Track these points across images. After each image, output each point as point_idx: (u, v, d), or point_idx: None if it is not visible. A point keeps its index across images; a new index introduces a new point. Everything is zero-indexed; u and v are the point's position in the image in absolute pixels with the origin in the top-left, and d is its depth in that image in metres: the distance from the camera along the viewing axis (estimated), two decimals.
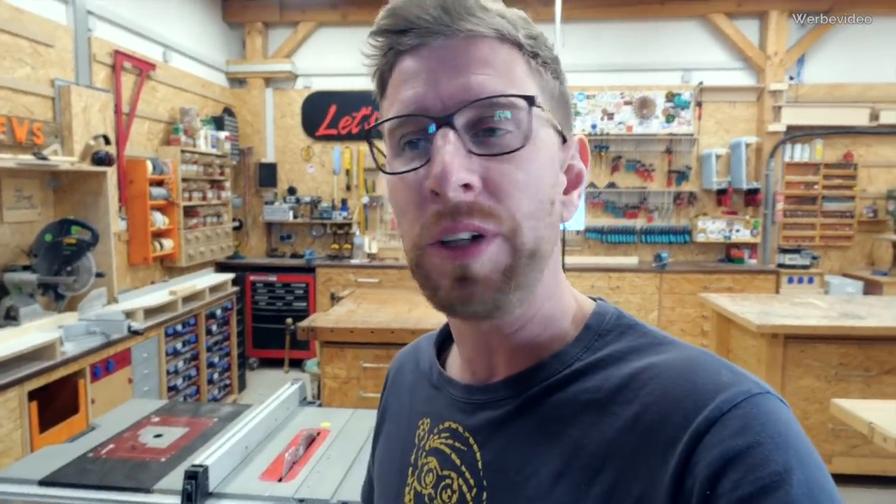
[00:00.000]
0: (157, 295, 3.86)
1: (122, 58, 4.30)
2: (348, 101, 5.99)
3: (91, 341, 2.97)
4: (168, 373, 3.73)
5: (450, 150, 0.44)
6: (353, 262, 5.71)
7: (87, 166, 3.58)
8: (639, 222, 5.92)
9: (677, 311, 5.37)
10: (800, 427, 0.42)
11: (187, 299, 4.00)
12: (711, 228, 5.71)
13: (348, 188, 6.07)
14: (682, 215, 5.90)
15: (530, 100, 0.46)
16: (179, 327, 3.84)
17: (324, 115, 6.02)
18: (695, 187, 5.84)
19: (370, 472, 0.74)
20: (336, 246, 5.97)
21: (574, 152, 0.54)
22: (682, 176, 5.83)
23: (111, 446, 1.72)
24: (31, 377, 2.58)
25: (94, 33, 4.08)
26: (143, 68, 4.53)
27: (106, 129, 3.94)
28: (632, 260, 5.78)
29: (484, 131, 0.46)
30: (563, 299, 0.54)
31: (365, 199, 5.96)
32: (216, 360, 4.40)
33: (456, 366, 0.60)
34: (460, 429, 0.54)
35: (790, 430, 0.40)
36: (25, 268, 3.17)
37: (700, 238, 5.72)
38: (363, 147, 6.00)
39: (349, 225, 5.97)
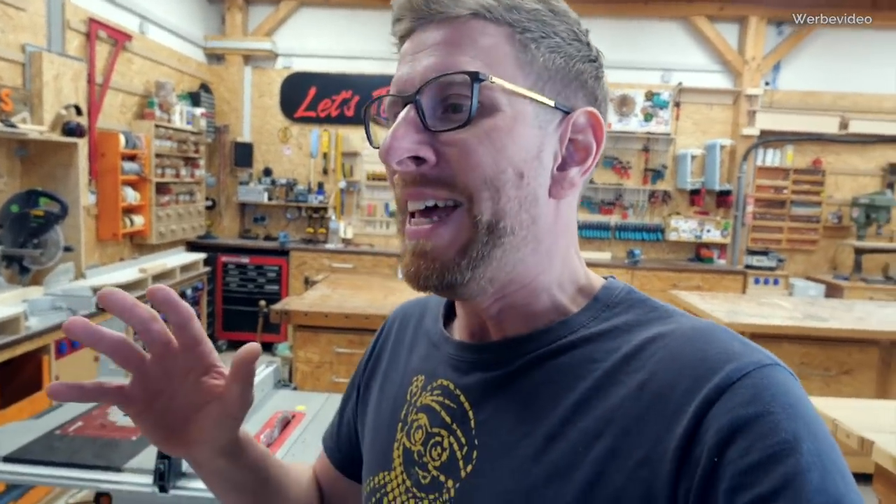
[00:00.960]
0: (126, 272, 3.78)
1: (97, 26, 4.17)
2: (329, 84, 5.91)
3: (57, 316, 2.89)
4: None
5: (399, 124, 0.48)
6: (328, 246, 5.66)
7: (57, 136, 3.48)
8: (613, 219, 5.99)
9: None
10: (809, 400, 0.42)
11: (157, 277, 3.93)
12: (684, 227, 5.81)
13: (325, 172, 6.00)
14: (655, 213, 6.00)
15: (473, 74, 0.47)
16: (148, 306, 3.77)
17: (303, 96, 5.94)
18: (669, 186, 5.93)
19: (336, 416, 0.75)
20: (311, 230, 5.91)
21: (584, 126, 0.52)
22: (657, 174, 5.92)
23: (79, 423, 1.68)
24: None
25: None
26: (119, 39, 4.40)
27: (78, 100, 3.82)
28: (605, 255, 5.85)
29: (449, 108, 0.48)
30: (561, 272, 0.54)
31: (342, 184, 5.91)
32: None
33: (459, 327, 0.61)
34: (451, 386, 0.55)
35: (800, 401, 0.40)
36: None
37: (672, 237, 5.83)
38: (342, 130, 5.94)
39: (325, 209, 5.91)
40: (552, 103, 0.50)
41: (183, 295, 4.26)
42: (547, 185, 0.51)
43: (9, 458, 1.47)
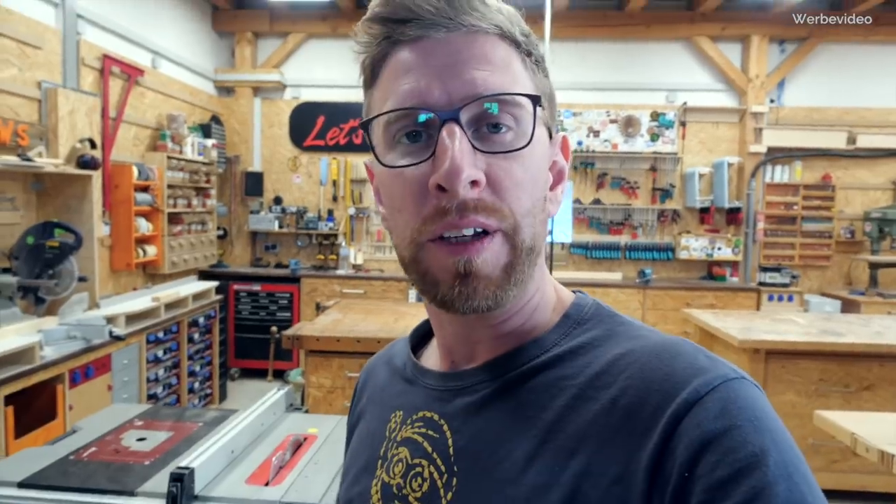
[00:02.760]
0: (139, 301, 3.81)
1: (111, 62, 4.28)
2: (336, 113, 6.00)
3: (71, 346, 2.91)
4: (148, 380, 3.66)
5: (458, 146, 0.44)
6: (339, 272, 5.68)
7: (72, 169, 3.55)
8: (623, 239, 5.98)
9: (660, 326, 5.41)
10: (774, 412, 0.42)
11: (170, 306, 3.95)
12: (694, 246, 5.78)
13: (335, 199, 6.06)
14: (665, 232, 5.98)
15: (536, 99, 0.47)
16: (161, 334, 3.79)
17: (311, 125, 6.03)
18: (678, 205, 5.93)
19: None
20: (321, 256, 5.94)
21: (557, 149, 0.55)
22: (666, 194, 5.92)
23: (93, 449, 1.68)
24: (8, 381, 2.52)
25: (83, 37, 4.06)
26: (132, 73, 4.51)
27: (92, 133, 3.91)
28: (615, 276, 5.83)
29: (488, 127, 0.46)
30: (546, 290, 0.55)
31: (351, 211, 5.96)
32: (197, 368, 4.34)
33: (433, 359, 0.60)
34: (435, 417, 0.54)
35: (766, 414, 0.41)
36: (5, 270, 3.11)
37: (683, 255, 5.80)
38: (350, 158, 6.00)
39: (335, 235, 5.95)
40: (551, 127, 0.52)
41: (195, 323, 4.28)
42: (548, 205, 0.53)
43: (24, 484, 1.47)
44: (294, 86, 6.12)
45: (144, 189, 4.43)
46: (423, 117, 0.46)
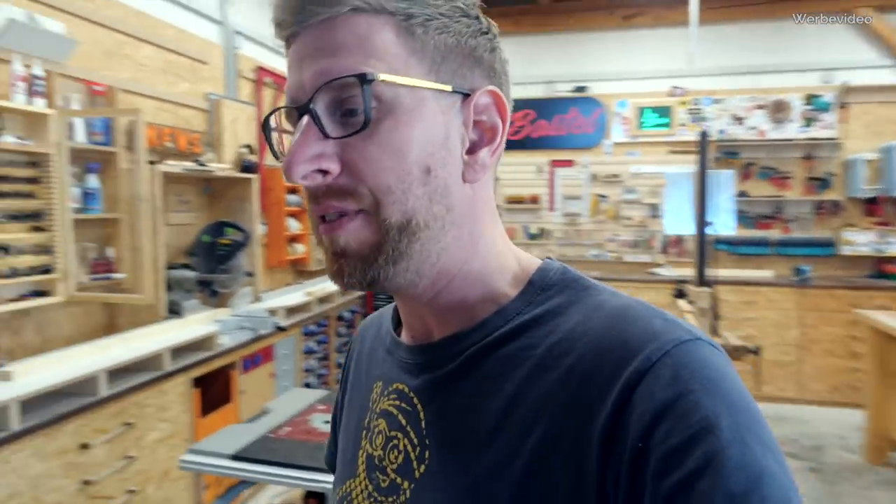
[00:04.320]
0: (294, 295, 4.05)
1: (264, 73, 4.59)
2: None
3: (242, 335, 3.15)
4: (303, 370, 3.89)
5: (297, 139, 0.45)
6: None
7: (236, 173, 3.84)
8: (773, 233, 5.52)
9: (821, 329, 4.94)
10: (733, 372, 0.42)
11: (321, 301, 4.17)
12: (860, 240, 5.22)
13: None
14: (824, 226, 5.45)
15: (362, 76, 0.44)
16: (314, 327, 4.00)
17: None
18: (839, 195, 5.38)
19: (331, 437, 0.75)
20: None
21: (487, 106, 0.51)
22: (823, 184, 5.39)
23: (288, 429, 1.79)
24: (195, 366, 2.76)
25: (240, 51, 4.39)
26: (281, 83, 4.81)
27: (250, 140, 4.22)
28: (766, 273, 5.39)
29: (346, 113, 0.46)
30: (491, 258, 0.52)
31: None
32: (342, 360, 4.54)
33: (405, 330, 0.60)
34: (406, 389, 0.54)
35: (720, 375, 0.40)
36: (185, 266, 3.42)
37: (846, 251, 5.25)
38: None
39: None
40: (450, 88, 0.48)
41: (341, 318, 4.48)
42: (458, 171, 0.49)
43: (236, 457, 1.59)
44: None
45: (293, 191, 4.71)
46: (270, 117, 0.50)
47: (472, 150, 0.50)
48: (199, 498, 2.08)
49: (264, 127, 0.51)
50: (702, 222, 2.35)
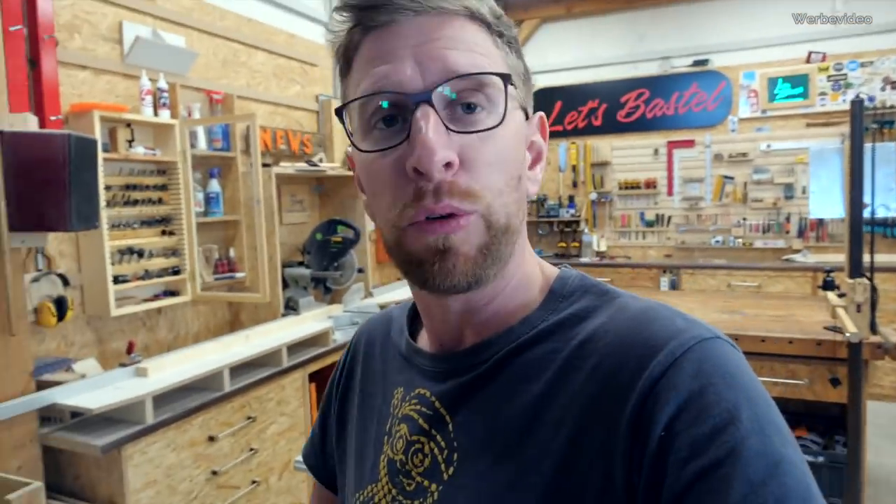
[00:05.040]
0: (404, 290, 4.07)
1: None
2: (573, 96, 5.82)
3: (355, 331, 3.19)
4: None
5: (432, 127, 0.44)
6: (582, 260, 5.50)
7: (346, 171, 3.91)
8: None
9: None
10: (749, 368, 0.44)
11: None
12: None
13: (575, 185, 5.89)
14: None
15: (506, 77, 0.47)
16: None
17: (549, 112, 5.92)
18: None
19: (316, 435, 0.75)
20: (563, 244, 5.82)
21: (535, 129, 0.55)
22: None
23: None
24: (311, 361, 2.83)
25: None
26: None
27: None
28: None
29: (461, 108, 0.46)
30: (528, 269, 0.55)
31: (593, 196, 5.73)
32: None
33: (425, 338, 0.61)
34: (427, 394, 0.55)
35: (739, 370, 0.43)
36: (300, 263, 3.54)
37: None
38: (590, 141, 5.77)
39: (577, 222, 5.78)
40: (525, 107, 0.52)
41: None
42: (526, 183, 0.52)
43: None
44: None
45: None
46: (386, 103, 0.46)
47: (531, 166, 0.55)
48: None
49: (339, 115, 0.51)
50: (856, 203, 2.04)
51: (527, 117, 0.53)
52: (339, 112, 0.50)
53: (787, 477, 0.38)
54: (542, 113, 0.56)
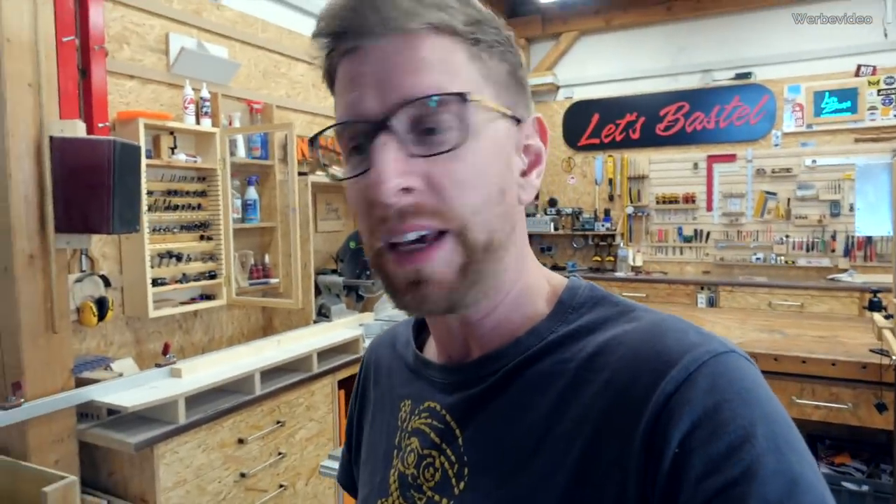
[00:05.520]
0: None
1: None
2: (611, 109, 5.77)
3: None
4: None
5: (383, 157, 0.44)
6: (617, 275, 5.42)
7: None
8: None
9: None
10: (765, 383, 0.43)
11: None
12: None
13: (611, 198, 5.82)
14: None
15: (462, 96, 0.45)
16: None
17: (586, 124, 5.88)
18: None
19: (343, 456, 0.76)
20: (598, 258, 5.75)
21: (531, 132, 0.53)
22: None
23: None
24: (341, 368, 2.85)
25: None
26: None
27: None
28: None
29: (425, 131, 0.45)
30: (530, 280, 0.54)
31: (629, 209, 5.65)
32: None
33: (433, 349, 0.60)
34: (438, 407, 0.55)
35: (756, 386, 0.42)
36: (333, 271, 3.58)
37: None
38: (627, 154, 5.70)
39: (612, 236, 5.70)
40: (511, 113, 0.50)
41: None
42: (516, 192, 0.51)
43: None
44: (567, 86, 6.06)
45: None
46: (342, 129, 0.47)
47: (524, 173, 0.52)
48: (342, 497, 2.14)
49: (312, 143, 0.52)
50: None
51: (519, 121, 0.51)
52: (311, 141, 0.51)
53: (805, 496, 0.37)
54: (538, 115, 0.53)
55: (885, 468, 2.52)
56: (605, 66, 5.87)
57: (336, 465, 1.77)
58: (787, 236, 5.09)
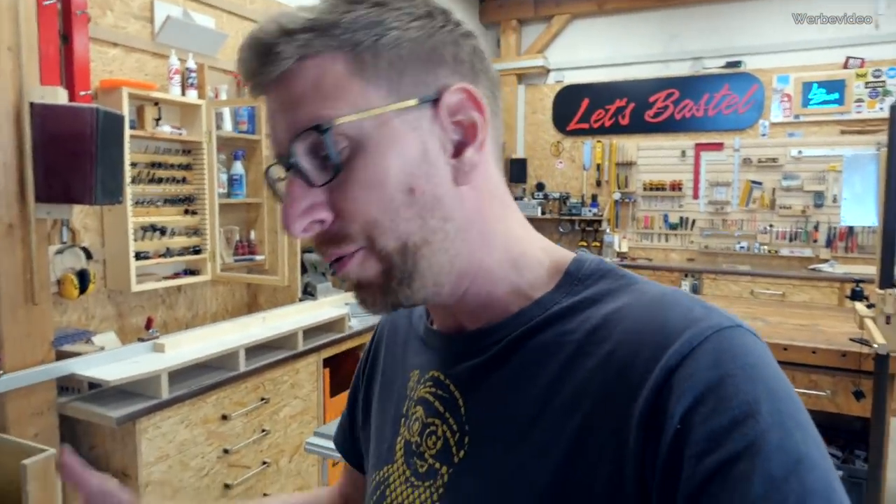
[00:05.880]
0: None
1: None
2: (601, 94, 5.75)
3: (371, 319, 3.19)
4: None
5: (288, 195, 0.47)
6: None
7: None
8: None
9: None
10: (773, 360, 0.42)
11: None
12: None
13: (598, 184, 5.83)
14: None
15: (316, 129, 0.45)
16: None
17: (575, 109, 5.87)
18: None
19: (343, 418, 0.76)
20: (584, 243, 5.77)
21: (461, 103, 0.49)
22: None
23: None
24: (326, 346, 2.84)
25: None
26: None
27: None
28: None
29: (323, 158, 0.46)
30: (511, 248, 0.52)
31: (616, 195, 5.67)
32: None
33: (438, 321, 0.61)
34: (441, 376, 0.55)
35: (761, 361, 0.41)
36: None
37: None
38: (616, 140, 5.71)
39: (599, 222, 5.72)
40: (414, 101, 0.47)
41: None
42: (447, 178, 0.48)
43: None
44: (558, 69, 6.02)
45: None
46: (270, 168, 0.51)
47: (457, 151, 0.49)
48: (327, 474, 2.14)
49: (266, 178, 0.53)
50: (891, 212, 1.98)
51: (437, 100, 0.48)
52: (266, 172, 0.53)
53: (810, 474, 0.37)
54: (459, 84, 0.48)
55: (858, 454, 2.58)
56: (596, 50, 5.84)
57: (322, 442, 1.77)
58: (770, 226, 5.14)
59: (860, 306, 2.45)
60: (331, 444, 1.65)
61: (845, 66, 4.93)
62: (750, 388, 0.39)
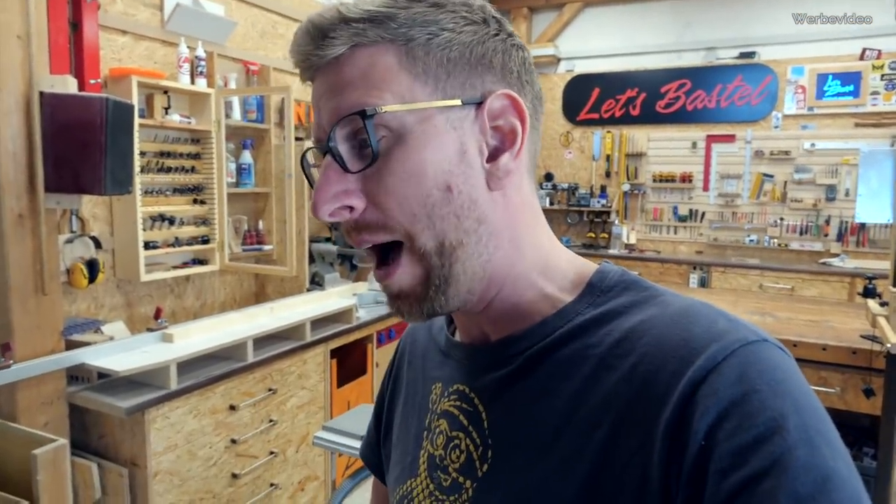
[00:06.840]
0: None
1: None
2: (612, 84, 5.69)
3: (378, 310, 3.20)
4: None
5: (322, 179, 0.47)
6: (611, 252, 5.42)
7: None
8: None
9: None
10: (799, 374, 0.41)
11: None
12: None
13: (608, 175, 5.78)
14: None
15: (361, 114, 0.45)
16: None
17: (586, 98, 5.81)
18: None
19: (371, 434, 0.76)
20: (592, 234, 5.74)
21: (503, 110, 0.49)
22: None
23: None
24: (333, 337, 2.85)
25: None
26: None
27: None
28: None
29: (361, 146, 0.47)
30: (539, 258, 0.53)
31: (626, 187, 5.62)
32: None
33: (461, 332, 0.61)
34: (466, 390, 0.55)
35: (787, 376, 0.40)
36: (327, 239, 3.55)
37: None
38: (626, 130, 5.65)
39: (607, 213, 5.69)
40: (459, 101, 0.48)
41: None
42: (482, 181, 0.49)
43: None
44: (568, 58, 5.96)
45: None
46: (307, 154, 0.53)
47: (493, 156, 0.50)
48: (333, 465, 2.15)
49: (302, 163, 0.54)
50: None
51: (481, 104, 0.48)
52: (301, 162, 0.55)
53: (838, 493, 0.36)
54: (504, 91, 0.49)
55: (867, 451, 2.57)
56: (608, 39, 5.77)
57: (330, 436, 1.78)
58: (781, 219, 5.09)
59: (873, 304, 2.43)
60: (338, 439, 1.66)
61: (862, 58, 4.85)
62: (776, 403, 0.38)
